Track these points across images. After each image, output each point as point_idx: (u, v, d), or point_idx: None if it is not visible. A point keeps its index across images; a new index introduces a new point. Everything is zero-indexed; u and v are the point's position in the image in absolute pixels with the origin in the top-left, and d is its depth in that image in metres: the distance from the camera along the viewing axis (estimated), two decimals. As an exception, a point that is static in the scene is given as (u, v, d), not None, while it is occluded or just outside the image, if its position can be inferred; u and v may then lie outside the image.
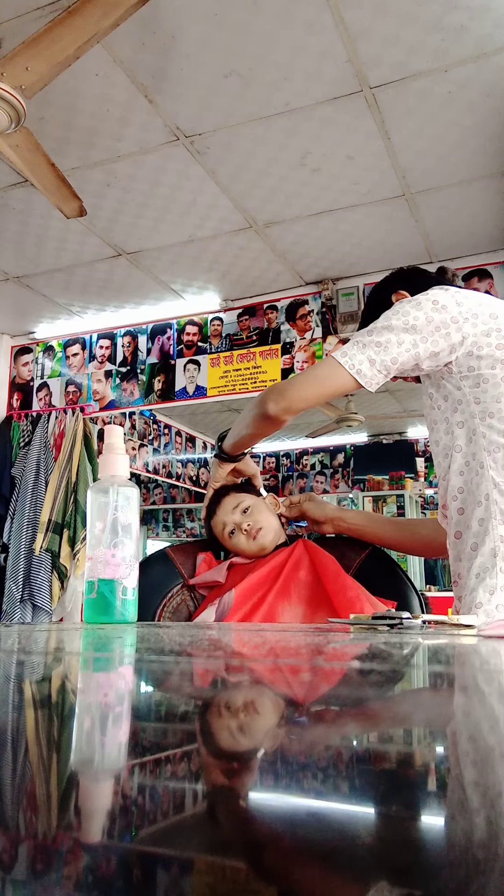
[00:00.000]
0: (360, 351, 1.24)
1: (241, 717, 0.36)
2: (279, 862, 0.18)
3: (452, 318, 1.25)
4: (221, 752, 0.29)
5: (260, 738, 0.32)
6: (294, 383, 1.30)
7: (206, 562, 1.56)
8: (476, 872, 0.17)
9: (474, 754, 0.29)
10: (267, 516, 1.52)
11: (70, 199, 2.52)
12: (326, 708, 0.40)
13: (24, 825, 0.20)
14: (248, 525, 1.49)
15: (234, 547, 1.52)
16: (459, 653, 0.65)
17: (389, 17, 2.15)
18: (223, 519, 1.52)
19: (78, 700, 0.42)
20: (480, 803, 0.22)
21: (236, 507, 1.51)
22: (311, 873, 0.17)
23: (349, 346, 1.26)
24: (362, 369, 1.23)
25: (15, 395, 4.77)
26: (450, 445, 1.31)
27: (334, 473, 7.40)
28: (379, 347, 1.23)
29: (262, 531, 1.49)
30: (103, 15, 1.81)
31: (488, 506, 1.24)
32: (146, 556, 1.60)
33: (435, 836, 0.20)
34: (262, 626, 1.23)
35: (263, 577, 1.43)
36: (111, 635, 0.81)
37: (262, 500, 1.55)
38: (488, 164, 2.88)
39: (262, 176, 2.96)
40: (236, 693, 0.44)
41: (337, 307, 3.87)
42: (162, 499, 8.30)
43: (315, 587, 1.42)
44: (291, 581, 1.43)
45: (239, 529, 1.50)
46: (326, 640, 0.75)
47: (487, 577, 1.21)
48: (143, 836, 0.19)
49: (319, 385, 1.27)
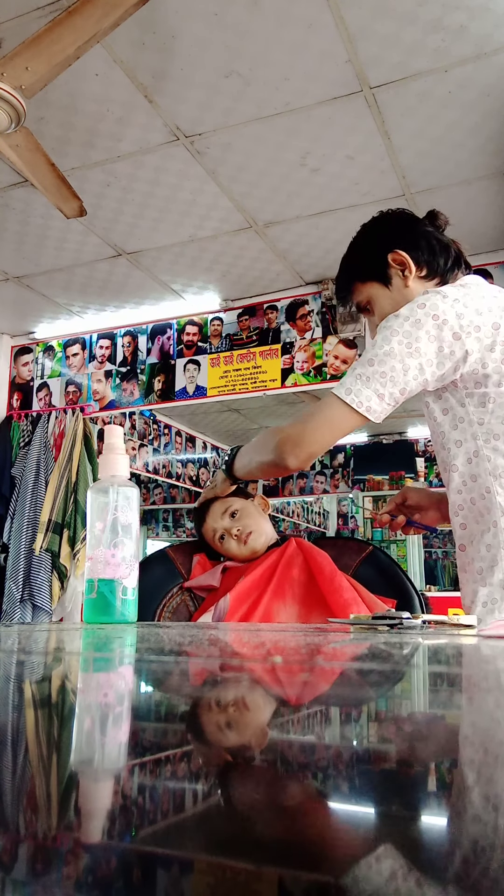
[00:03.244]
0: (365, 385, 1.17)
1: (240, 717, 0.36)
2: (280, 862, 0.18)
3: (454, 334, 1.17)
4: (221, 752, 0.29)
5: (259, 738, 0.32)
6: (307, 432, 1.23)
7: (200, 563, 1.57)
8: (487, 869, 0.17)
9: (483, 756, 0.29)
10: (256, 519, 1.52)
11: (70, 199, 2.52)
12: (326, 708, 0.40)
13: (24, 825, 0.20)
14: (238, 530, 1.48)
15: (227, 552, 1.52)
16: (459, 653, 0.65)
17: (389, 17, 2.15)
18: (213, 525, 1.52)
19: (78, 700, 0.41)
20: (487, 803, 0.22)
21: (224, 511, 1.51)
22: (313, 873, 0.17)
23: (352, 381, 1.19)
24: (371, 406, 1.17)
25: (15, 395, 4.77)
26: (447, 461, 1.27)
27: (334, 473, 7.40)
28: (384, 378, 1.17)
29: (252, 535, 1.49)
30: (103, 15, 1.81)
31: (496, 533, 1.19)
32: (146, 556, 1.60)
33: (439, 838, 0.20)
34: (262, 626, 1.22)
35: (257, 579, 1.43)
36: (111, 635, 0.81)
37: (250, 503, 1.55)
38: (488, 164, 2.88)
39: (262, 176, 2.96)
40: (236, 693, 0.44)
41: (337, 307, 3.87)
42: (162, 499, 8.30)
43: (309, 586, 1.42)
44: (285, 581, 1.43)
45: (229, 535, 1.50)
46: (326, 640, 0.75)
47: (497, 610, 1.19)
48: (142, 836, 0.19)
49: (332, 429, 1.22)
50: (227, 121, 2.61)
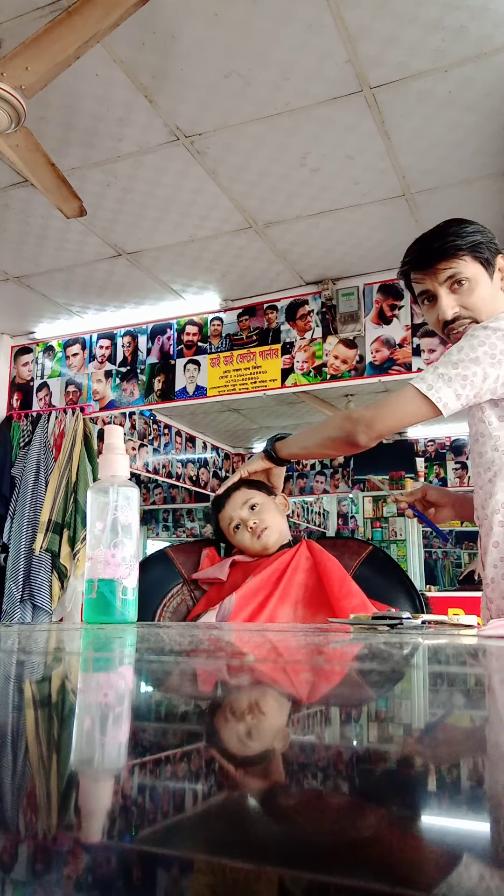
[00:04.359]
0: (447, 384, 1.26)
1: (239, 717, 0.36)
2: (281, 861, 0.18)
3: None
4: (221, 752, 0.29)
5: (258, 738, 0.32)
6: (383, 414, 1.33)
7: (209, 557, 1.56)
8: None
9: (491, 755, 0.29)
10: (274, 515, 1.52)
11: (70, 199, 2.52)
12: (325, 708, 0.40)
13: (24, 825, 0.20)
14: (255, 523, 1.48)
15: (238, 543, 1.51)
16: (459, 653, 0.65)
17: (389, 17, 2.15)
18: (230, 513, 1.52)
19: (78, 700, 0.41)
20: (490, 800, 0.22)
21: (245, 502, 1.51)
22: (316, 874, 0.17)
23: (434, 378, 1.27)
24: (448, 403, 1.26)
25: (15, 395, 4.77)
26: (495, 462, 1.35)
27: (334, 473, 7.40)
28: (465, 382, 1.26)
29: (267, 531, 1.49)
30: (103, 15, 1.81)
31: None
32: (146, 556, 1.60)
33: (437, 837, 0.20)
34: (262, 626, 1.22)
35: (265, 579, 1.42)
36: (111, 635, 0.81)
37: (271, 500, 1.54)
38: (488, 164, 2.88)
39: (262, 176, 2.96)
40: (235, 693, 0.44)
41: (337, 307, 3.87)
42: (162, 499, 8.30)
43: (317, 591, 1.41)
44: (293, 584, 1.42)
45: (244, 526, 1.50)
46: (326, 640, 0.75)
47: None
48: (142, 836, 0.19)
49: (404, 416, 1.32)
50: (227, 121, 2.61)
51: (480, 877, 0.17)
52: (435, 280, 1.38)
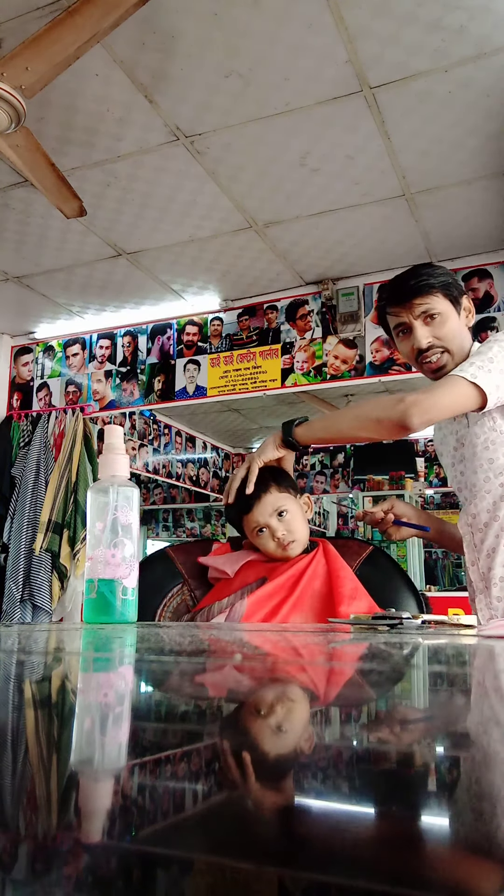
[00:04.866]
0: (488, 375, 1.37)
1: (238, 717, 0.36)
2: (282, 862, 0.18)
3: None
4: (221, 752, 0.29)
5: (257, 738, 0.32)
6: (434, 400, 1.38)
7: (221, 549, 1.55)
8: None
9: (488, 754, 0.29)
10: (301, 525, 1.47)
11: (70, 199, 2.52)
12: (325, 708, 0.40)
13: (24, 825, 0.20)
14: (283, 534, 1.43)
15: (260, 545, 1.47)
16: (459, 652, 0.65)
17: (389, 17, 2.15)
18: (258, 518, 1.44)
19: (78, 700, 0.41)
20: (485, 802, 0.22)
21: (276, 510, 1.44)
22: (319, 874, 0.17)
23: (475, 370, 1.38)
24: (494, 391, 1.37)
25: (15, 395, 4.77)
26: (497, 463, 1.47)
27: (334, 473, 7.40)
28: (502, 375, 1.38)
29: (293, 545, 1.44)
30: (103, 15, 1.81)
31: None
32: (146, 556, 1.59)
33: (438, 836, 0.20)
34: (262, 626, 1.22)
35: (280, 585, 1.39)
36: (111, 635, 0.81)
37: (298, 505, 1.49)
38: (488, 164, 2.88)
39: (262, 176, 2.96)
40: (235, 693, 0.44)
41: (337, 307, 3.87)
42: (162, 499, 8.30)
43: (328, 600, 1.39)
44: (307, 594, 1.39)
45: (271, 535, 1.44)
46: (326, 640, 0.75)
47: None
48: (142, 836, 0.19)
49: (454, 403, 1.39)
50: (227, 121, 2.61)
51: (480, 877, 0.16)
52: (410, 314, 1.50)
